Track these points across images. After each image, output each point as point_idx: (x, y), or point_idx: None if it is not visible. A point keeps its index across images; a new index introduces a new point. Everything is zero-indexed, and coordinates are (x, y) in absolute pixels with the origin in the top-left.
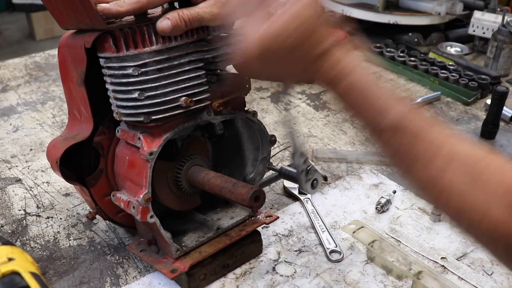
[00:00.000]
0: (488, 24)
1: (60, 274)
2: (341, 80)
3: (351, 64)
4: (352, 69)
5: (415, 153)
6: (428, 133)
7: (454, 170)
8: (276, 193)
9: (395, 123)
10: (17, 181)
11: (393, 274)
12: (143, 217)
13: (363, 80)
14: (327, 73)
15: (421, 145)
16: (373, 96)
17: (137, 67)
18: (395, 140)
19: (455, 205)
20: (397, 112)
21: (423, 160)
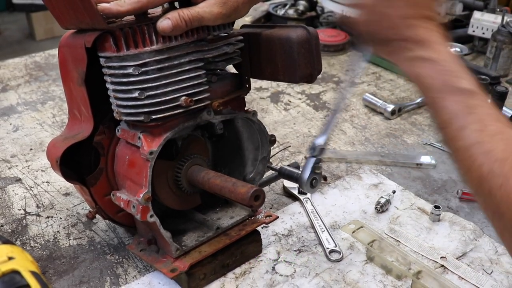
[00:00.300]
0: (488, 25)
1: (60, 273)
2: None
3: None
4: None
5: (474, 112)
6: (473, 101)
7: (493, 138)
8: (276, 193)
9: (467, 87)
10: (17, 180)
11: (392, 274)
12: (143, 217)
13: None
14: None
15: (482, 108)
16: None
17: (137, 67)
18: (462, 99)
19: (480, 170)
20: (470, 80)
21: (477, 121)
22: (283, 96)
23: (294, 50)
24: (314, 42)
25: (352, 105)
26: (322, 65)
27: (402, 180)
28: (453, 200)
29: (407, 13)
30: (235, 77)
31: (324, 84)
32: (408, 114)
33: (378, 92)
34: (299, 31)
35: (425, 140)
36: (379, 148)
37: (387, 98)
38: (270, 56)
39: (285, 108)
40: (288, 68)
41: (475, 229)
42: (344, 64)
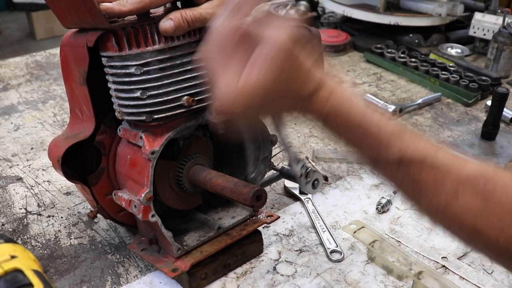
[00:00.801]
0: (489, 26)
1: (61, 272)
2: (337, 115)
3: (345, 96)
4: (346, 102)
5: (423, 182)
6: (433, 160)
7: (464, 194)
8: (277, 193)
9: (399, 156)
10: (18, 179)
11: (393, 274)
12: (145, 216)
13: (360, 112)
14: (321, 109)
15: (427, 173)
16: (373, 129)
17: (139, 66)
18: (400, 172)
19: (469, 227)
20: (399, 143)
21: (432, 188)
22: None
23: None
24: (317, 42)
25: None
26: None
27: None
28: None
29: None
30: None
31: None
32: (409, 115)
33: (379, 92)
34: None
35: None
36: None
37: (388, 99)
38: None
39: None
40: None
41: None
42: (345, 65)
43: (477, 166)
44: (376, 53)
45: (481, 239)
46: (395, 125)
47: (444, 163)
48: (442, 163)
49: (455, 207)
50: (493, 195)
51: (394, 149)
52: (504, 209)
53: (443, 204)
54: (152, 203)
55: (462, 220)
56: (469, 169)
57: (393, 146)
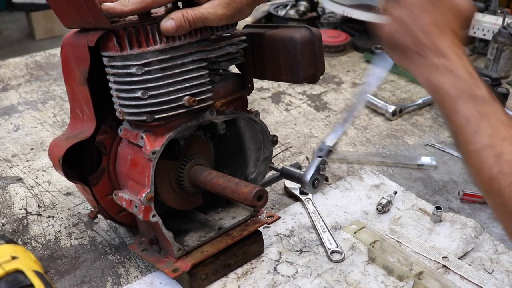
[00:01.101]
0: (489, 26)
1: (61, 273)
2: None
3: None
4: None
5: (471, 120)
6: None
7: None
8: (277, 193)
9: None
10: (18, 180)
11: (394, 275)
12: (145, 216)
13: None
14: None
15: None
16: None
17: (140, 66)
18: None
19: (492, 173)
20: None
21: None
22: (284, 97)
23: (297, 50)
24: (318, 43)
25: None
26: None
27: (403, 181)
28: (454, 201)
29: (431, 26)
30: (238, 77)
31: (325, 85)
32: (409, 115)
33: (379, 93)
34: (302, 31)
35: (426, 141)
36: (380, 149)
37: (388, 99)
38: (273, 56)
39: (286, 109)
40: (291, 69)
41: (475, 226)
42: (345, 65)
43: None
44: (376, 53)
45: (497, 184)
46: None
47: (504, 115)
48: (504, 112)
49: (496, 149)
50: None
51: (478, 89)
52: None
53: (484, 143)
54: (152, 203)
55: (490, 161)
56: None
57: (477, 88)
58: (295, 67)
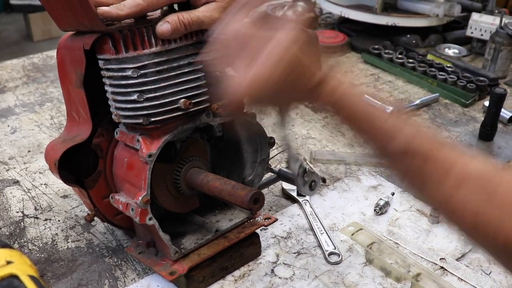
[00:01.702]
0: (486, 26)
1: (58, 276)
2: (342, 106)
3: (350, 88)
4: (352, 93)
5: (426, 175)
6: (439, 154)
7: (467, 189)
8: (275, 195)
9: (404, 146)
10: (15, 182)
11: (392, 276)
12: (142, 219)
13: (365, 105)
14: (327, 99)
15: (432, 166)
16: (378, 120)
17: (136, 69)
18: (405, 163)
19: (469, 222)
20: (405, 135)
21: (435, 180)
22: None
23: None
24: (314, 44)
25: None
26: None
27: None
28: None
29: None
30: None
31: None
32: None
33: (376, 94)
34: None
35: None
36: None
37: (386, 100)
38: None
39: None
40: None
41: None
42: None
43: (482, 164)
44: (373, 54)
45: (481, 235)
46: (400, 118)
47: (448, 158)
48: (446, 157)
49: (457, 202)
50: (496, 193)
51: (399, 140)
52: (505, 210)
53: (446, 196)
54: (149, 206)
55: (463, 214)
56: (474, 166)
57: (397, 138)
58: None
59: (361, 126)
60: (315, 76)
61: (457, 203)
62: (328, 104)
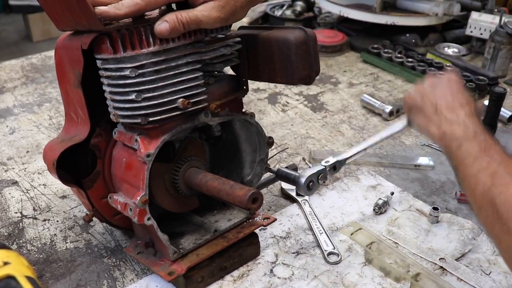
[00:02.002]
0: (486, 25)
1: (57, 277)
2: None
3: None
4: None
5: (471, 159)
6: (487, 151)
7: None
8: (274, 195)
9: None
10: (14, 183)
11: (391, 276)
12: (140, 219)
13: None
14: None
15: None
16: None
17: (134, 69)
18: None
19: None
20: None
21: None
22: (280, 98)
23: (291, 51)
24: (312, 44)
25: (350, 106)
26: (320, 66)
27: (400, 181)
28: (452, 201)
29: (445, 97)
30: (233, 79)
31: (322, 85)
32: None
33: (376, 93)
34: (296, 32)
35: (423, 141)
36: (377, 150)
37: (385, 99)
38: (268, 58)
39: (283, 110)
40: (286, 70)
41: (473, 227)
42: (342, 65)
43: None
44: (373, 53)
45: (490, 195)
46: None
47: (495, 157)
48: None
49: (491, 169)
50: None
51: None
52: None
53: (481, 166)
54: (147, 206)
55: (484, 178)
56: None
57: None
58: (289, 69)
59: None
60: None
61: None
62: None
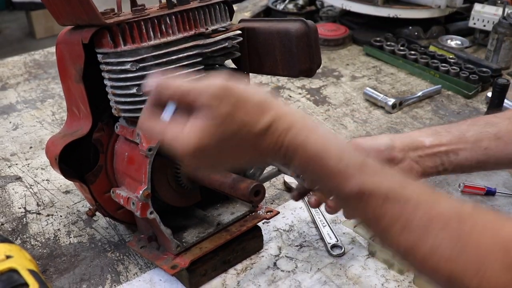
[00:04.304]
0: (489, 17)
1: (61, 271)
2: (295, 148)
3: (305, 128)
4: (305, 133)
5: (387, 217)
6: (400, 193)
7: (437, 233)
8: (277, 188)
9: (358, 188)
10: (17, 179)
11: (394, 268)
12: (143, 213)
13: (320, 143)
14: (279, 144)
15: (392, 207)
16: (331, 161)
17: (135, 63)
18: (361, 206)
19: (445, 272)
20: (359, 176)
21: (398, 224)
22: (283, 91)
23: (293, 43)
24: (313, 36)
25: (353, 99)
26: (322, 60)
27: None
28: (455, 193)
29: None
30: (234, 72)
31: (325, 78)
32: (409, 107)
33: (378, 86)
34: (297, 24)
35: None
36: None
37: (388, 92)
38: (269, 50)
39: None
40: (287, 62)
41: None
42: (345, 58)
43: (453, 204)
44: (375, 46)
45: (460, 285)
46: (358, 157)
47: (412, 197)
48: (410, 197)
49: (425, 248)
50: (471, 236)
51: (353, 181)
52: (484, 252)
53: (411, 243)
54: (150, 200)
55: (436, 263)
56: (443, 206)
57: (352, 178)
58: (291, 61)
59: (314, 167)
60: (262, 117)
61: (425, 249)
62: (281, 147)
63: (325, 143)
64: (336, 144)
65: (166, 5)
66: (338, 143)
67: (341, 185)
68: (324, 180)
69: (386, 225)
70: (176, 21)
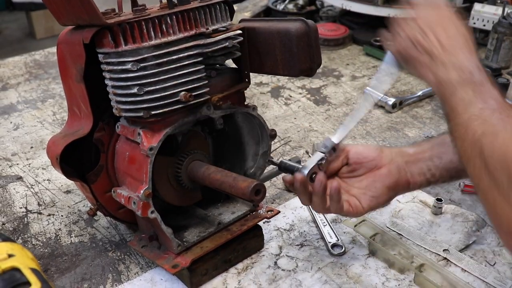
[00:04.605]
0: (489, 16)
1: (62, 271)
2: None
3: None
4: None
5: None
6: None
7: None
8: (277, 188)
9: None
10: (18, 179)
11: (395, 268)
12: (144, 213)
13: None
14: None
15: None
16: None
17: (136, 62)
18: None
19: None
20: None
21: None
22: (283, 91)
23: (293, 43)
24: (313, 35)
25: (353, 99)
26: (322, 59)
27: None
28: (455, 192)
29: (442, 41)
30: (235, 71)
31: (325, 78)
32: (409, 107)
33: None
34: (297, 24)
35: (427, 133)
36: (380, 142)
37: (388, 91)
38: (269, 50)
39: (286, 103)
40: (288, 62)
41: (477, 219)
42: (345, 58)
43: None
44: (375, 46)
45: (479, 144)
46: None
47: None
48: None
49: (482, 117)
50: None
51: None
52: None
53: (472, 114)
54: (151, 200)
55: (474, 127)
56: None
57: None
58: (291, 61)
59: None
60: None
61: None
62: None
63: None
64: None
65: (166, 5)
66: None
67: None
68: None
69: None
70: (176, 21)
